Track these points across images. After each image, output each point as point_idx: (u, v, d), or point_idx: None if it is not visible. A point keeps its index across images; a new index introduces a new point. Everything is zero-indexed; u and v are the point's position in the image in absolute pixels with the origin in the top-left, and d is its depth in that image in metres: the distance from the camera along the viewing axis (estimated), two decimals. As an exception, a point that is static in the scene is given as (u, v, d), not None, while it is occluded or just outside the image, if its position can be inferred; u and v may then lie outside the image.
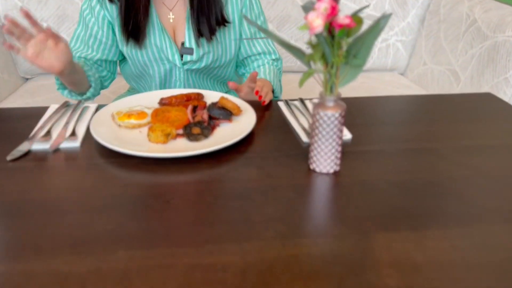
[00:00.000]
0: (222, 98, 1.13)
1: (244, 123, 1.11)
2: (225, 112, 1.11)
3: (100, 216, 0.79)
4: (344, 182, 0.91)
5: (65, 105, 1.24)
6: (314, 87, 2.21)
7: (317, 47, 0.84)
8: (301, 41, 2.38)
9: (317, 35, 0.82)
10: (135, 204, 0.83)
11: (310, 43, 0.84)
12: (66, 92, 1.38)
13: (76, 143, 1.03)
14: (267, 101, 1.27)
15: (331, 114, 0.89)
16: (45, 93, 2.15)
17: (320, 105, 0.90)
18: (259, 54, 1.54)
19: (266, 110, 1.25)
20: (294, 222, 0.78)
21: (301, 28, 0.78)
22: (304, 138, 1.08)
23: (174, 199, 0.84)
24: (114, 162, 0.97)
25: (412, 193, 0.87)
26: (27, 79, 2.40)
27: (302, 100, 1.29)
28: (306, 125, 1.14)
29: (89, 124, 1.08)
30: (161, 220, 0.78)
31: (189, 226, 0.77)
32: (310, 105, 1.27)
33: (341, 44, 0.83)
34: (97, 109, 1.23)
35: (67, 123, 1.12)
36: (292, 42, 2.36)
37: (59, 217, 0.79)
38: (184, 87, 1.50)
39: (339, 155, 0.94)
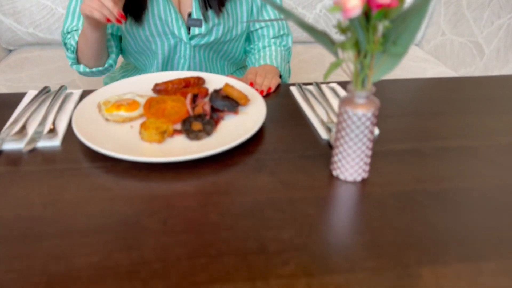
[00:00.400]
0: (227, 85, 0.96)
1: (252, 115, 0.96)
2: (230, 103, 0.95)
3: (82, 243, 0.65)
4: (374, 193, 0.76)
5: (45, 91, 1.07)
6: (324, 59, 2.03)
7: (350, 32, 0.67)
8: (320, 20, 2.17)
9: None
10: (125, 225, 0.68)
11: (339, 27, 0.68)
12: (81, 67, 1.24)
13: (55, 141, 0.88)
14: (273, 87, 1.11)
15: (362, 114, 0.73)
16: (29, 68, 1.97)
17: (348, 101, 0.74)
18: (267, 27, 1.35)
19: (276, 97, 1.09)
20: (320, 251, 0.64)
21: (331, 10, 0.61)
22: (323, 134, 0.92)
23: (171, 218, 0.70)
24: (100, 166, 0.81)
25: (457, 208, 0.73)
26: (10, 50, 2.21)
27: (318, 85, 1.13)
28: (324, 117, 0.98)
29: (71, 118, 0.92)
30: (156, 249, 0.64)
31: (190, 258, 0.62)
32: (327, 91, 1.11)
33: (377, 28, 0.66)
34: (82, 97, 1.06)
35: (45, 115, 0.96)
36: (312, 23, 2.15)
37: (31, 244, 0.65)
38: (189, 66, 1.32)
39: (368, 161, 0.78)
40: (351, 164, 0.77)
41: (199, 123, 0.90)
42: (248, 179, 0.79)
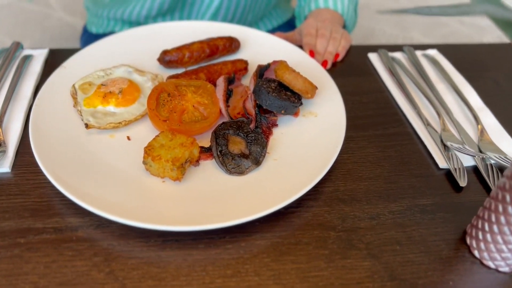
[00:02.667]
0: (283, 67, 0.58)
1: (323, 118, 0.59)
2: (290, 101, 0.58)
3: None
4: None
5: (-12, 51, 0.68)
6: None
7: None
8: None
9: None
10: None
11: None
12: None
13: (3, 167, 0.52)
14: (341, 54, 0.72)
15: None
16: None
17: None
18: None
19: (347, 72, 0.71)
20: None
21: None
22: (439, 159, 0.57)
23: None
24: (82, 225, 0.48)
25: None
26: None
27: (411, 51, 0.74)
28: (434, 122, 0.62)
29: (29, 119, 0.55)
30: None
31: None
32: (425, 63, 0.73)
33: None
34: (47, 63, 0.68)
35: (-13, 106, 0.59)
36: None
37: None
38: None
39: (543, 246, 0.46)
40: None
41: (241, 139, 0.54)
42: (333, 266, 0.46)
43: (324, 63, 0.70)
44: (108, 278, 0.44)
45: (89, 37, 1.05)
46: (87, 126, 0.55)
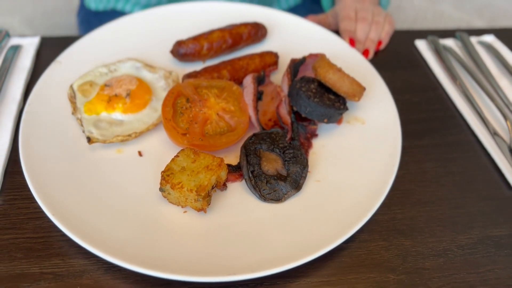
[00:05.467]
0: (325, 64, 0.48)
1: (372, 125, 0.50)
2: (334, 108, 0.47)
3: None
4: None
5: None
6: None
7: None
8: None
9: None
10: None
11: None
12: None
13: (-12, 192, 0.43)
14: (385, 41, 0.62)
15: None
16: None
17: None
18: None
19: (394, 63, 0.61)
20: None
21: None
22: (510, 177, 0.48)
23: None
24: (83, 270, 0.39)
25: None
26: None
27: (465, 38, 0.63)
28: (501, 129, 0.52)
29: (19, 136, 0.45)
30: None
31: None
32: (483, 53, 0.62)
33: None
34: (38, 54, 0.57)
35: (-33, 112, 0.49)
36: None
37: None
38: None
39: None
40: None
41: (276, 156, 0.45)
42: (396, 320, 0.38)
43: (365, 52, 0.60)
44: None
45: (87, 14, 0.93)
46: (89, 140, 0.45)
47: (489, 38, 0.65)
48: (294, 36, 0.59)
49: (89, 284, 0.38)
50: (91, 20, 0.90)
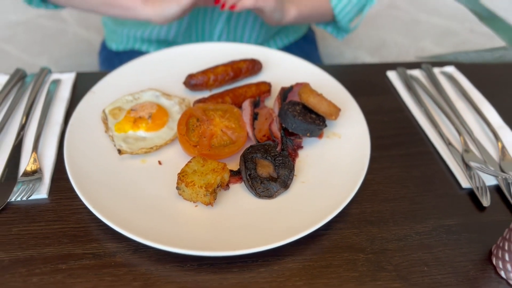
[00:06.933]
0: (307, 90, 0.60)
1: (347, 139, 0.61)
2: (315, 124, 0.59)
3: None
4: None
5: (18, 76, 0.70)
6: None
7: None
8: None
9: None
10: None
11: None
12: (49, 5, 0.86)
13: (40, 193, 0.54)
14: (239, 6, 0.72)
15: None
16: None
17: None
18: None
19: (369, 91, 0.73)
20: None
21: None
22: (461, 179, 0.59)
23: None
24: (119, 250, 0.49)
25: None
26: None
27: (429, 68, 0.75)
28: (455, 141, 0.64)
29: (63, 145, 0.57)
30: None
31: None
32: (443, 81, 0.74)
33: None
34: (75, 87, 0.70)
35: (20, 134, 0.60)
36: None
37: None
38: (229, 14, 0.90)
39: None
40: (544, 275, 0.46)
41: (268, 162, 0.56)
42: (363, 287, 0.48)
43: (222, 5, 0.71)
44: (148, 303, 0.45)
45: (108, 54, 1.07)
46: (120, 152, 0.57)
47: (450, 69, 0.77)
48: (284, 69, 0.72)
49: (121, 262, 0.49)
50: (112, 58, 1.04)
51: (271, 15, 0.76)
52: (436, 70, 0.77)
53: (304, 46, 1.07)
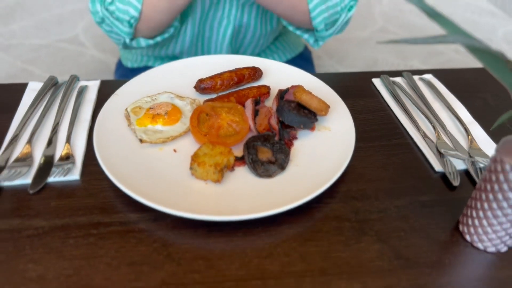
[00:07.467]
0: (300, 90, 0.70)
1: (336, 132, 0.71)
2: (308, 118, 0.69)
3: None
4: (530, 276, 0.54)
5: (52, 83, 0.81)
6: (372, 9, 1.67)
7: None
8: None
9: None
10: None
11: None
12: (142, 41, 0.95)
13: (73, 175, 0.64)
14: None
15: (540, 177, 0.49)
16: (22, 17, 1.65)
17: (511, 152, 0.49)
18: None
19: (357, 95, 0.83)
20: None
21: None
22: (435, 164, 0.68)
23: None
24: (141, 219, 0.59)
25: None
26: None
27: (409, 76, 0.86)
28: (430, 134, 0.73)
29: (92, 136, 0.67)
30: None
31: None
32: (423, 86, 0.85)
33: None
34: (100, 91, 0.80)
35: (55, 127, 0.71)
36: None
37: None
38: (233, 30, 1.01)
39: (523, 228, 0.55)
40: (499, 234, 0.55)
41: (267, 149, 0.65)
42: (349, 249, 0.56)
43: None
44: (166, 259, 0.54)
45: (124, 71, 1.19)
46: (141, 141, 0.67)
47: (428, 76, 0.88)
48: (281, 76, 0.82)
49: (143, 228, 0.58)
50: (128, 75, 1.15)
51: None
52: (416, 77, 0.87)
53: (301, 63, 1.19)
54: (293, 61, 1.18)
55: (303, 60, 1.20)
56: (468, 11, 1.80)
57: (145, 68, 1.12)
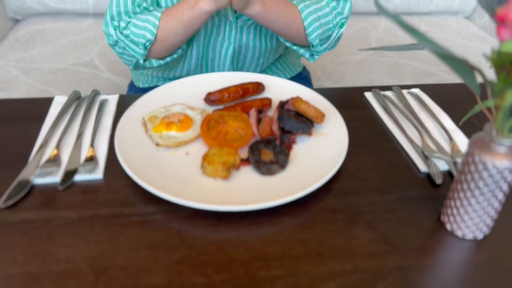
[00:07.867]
0: (299, 100, 0.79)
1: (330, 137, 0.79)
2: (306, 124, 0.77)
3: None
4: (502, 256, 0.61)
5: (76, 97, 0.90)
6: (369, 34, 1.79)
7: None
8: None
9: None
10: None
11: (495, 60, 0.49)
12: (154, 62, 1.03)
13: (97, 174, 0.72)
14: None
15: (504, 167, 0.56)
16: (41, 43, 1.76)
17: (484, 148, 0.57)
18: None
19: (350, 107, 0.91)
20: None
21: (505, 47, 0.43)
22: (420, 165, 0.76)
23: (258, 298, 0.55)
24: (157, 211, 0.66)
25: None
26: (17, 20, 2.00)
27: (398, 90, 0.95)
28: (416, 139, 0.81)
29: (114, 141, 0.75)
30: None
31: None
32: (410, 99, 0.93)
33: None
34: (118, 104, 0.89)
35: (80, 134, 0.79)
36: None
37: None
38: (234, 50, 1.11)
39: (495, 216, 0.63)
40: (475, 221, 0.62)
41: (269, 151, 0.73)
42: (342, 236, 0.63)
43: None
44: (180, 243, 0.61)
45: (136, 91, 1.28)
46: (157, 145, 0.75)
47: (415, 90, 0.97)
48: (282, 91, 0.91)
49: (160, 218, 0.65)
50: (140, 94, 1.25)
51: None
52: (405, 91, 0.96)
53: (300, 82, 1.28)
54: (292, 80, 1.27)
55: (302, 79, 1.29)
56: (459, 36, 1.90)
57: (155, 87, 1.22)
